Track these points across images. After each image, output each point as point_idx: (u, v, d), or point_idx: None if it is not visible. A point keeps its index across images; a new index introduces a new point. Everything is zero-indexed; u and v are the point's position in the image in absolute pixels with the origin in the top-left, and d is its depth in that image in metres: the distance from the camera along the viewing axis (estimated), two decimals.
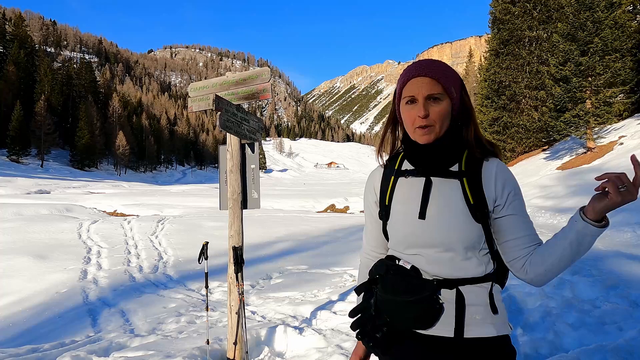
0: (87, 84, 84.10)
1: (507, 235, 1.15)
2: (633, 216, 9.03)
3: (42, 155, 65.66)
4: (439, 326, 1.12)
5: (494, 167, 1.17)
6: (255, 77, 3.35)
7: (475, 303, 1.13)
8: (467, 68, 58.23)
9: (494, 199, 1.14)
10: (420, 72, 1.15)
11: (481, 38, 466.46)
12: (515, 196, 1.16)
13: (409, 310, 1.11)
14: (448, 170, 1.18)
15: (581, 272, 5.36)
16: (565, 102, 19.64)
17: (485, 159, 1.18)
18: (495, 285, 1.17)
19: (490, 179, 1.15)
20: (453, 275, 1.14)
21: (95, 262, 7.38)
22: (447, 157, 1.18)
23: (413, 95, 1.15)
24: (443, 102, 1.14)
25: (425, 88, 1.13)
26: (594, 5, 18.38)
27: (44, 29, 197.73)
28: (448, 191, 1.16)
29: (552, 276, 1.11)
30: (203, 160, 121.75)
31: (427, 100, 1.13)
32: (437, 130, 1.14)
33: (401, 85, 1.19)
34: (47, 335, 4.35)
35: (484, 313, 1.13)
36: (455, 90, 1.16)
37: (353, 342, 3.47)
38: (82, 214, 16.38)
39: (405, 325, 1.15)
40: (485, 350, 1.11)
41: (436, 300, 1.11)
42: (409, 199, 1.19)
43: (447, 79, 1.15)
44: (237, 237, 3.30)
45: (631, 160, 0.96)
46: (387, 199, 1.25)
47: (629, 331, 3.20)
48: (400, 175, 1.24)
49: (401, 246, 1.21)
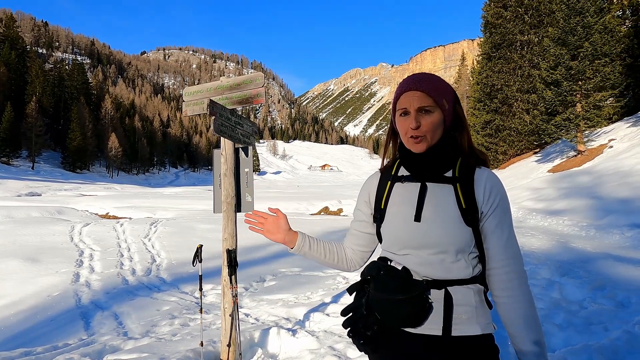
0: (79, 85, 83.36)
1: (487, 244, 1.23)
2: (621, 219, 9.17)
3: (33, 157, 64.97)
4: (427, 325, 1.18)
5: (485, 175, 1.24)
6: (249, 82, 3.39)
7: (463, 303, 1.18)
8: (459, 71, 58.60)
9: (481, 205, 1.21)
10: (411, 87, 1.23)
11: (474, 41, 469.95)
12: (498, 208, 1.22)
13: (399, 309, 1.16)
14: (442, 176, 1.24)
15: (569, 273, 5.45)
16: (556, 106, 19.90)
17: (478, 166, 1.26)
18: (481, 287, 1.23)
19: (480, 186, 1.22)
20: (442, 276, 1.19)
21: (88, 265, 7.35)
22: (441, 164, 1.24)
23: (406, 108, 1.23)
24: (434, 114, 1.21)
25: (416, 101, 1.21)
26: (584, 10, 18.66)
27: (36, 29, 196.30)
28: (442, 196, 1.22)
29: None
30: (196, 162, 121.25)
31: (419, 112, 1.21)
32: (429, 140, 1.22)
33: (395, 99, 1.27)
34: (40, 339, 4.33)
35: (471, 313, 1.18)
36: (447, 102, 1.23)
37: (346, 344, 3.51)
38: (73, 217, 16.25)
39: (395, 324, 1.20)
40: (470, 348, 1.17)
41: (426, 300, 1.17)
42: (405, 202, 1.26)
43: (438, 93, 1.22)
44: (231, 240, 3.33)
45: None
46: (382, 202, 1.31)
47: (614, 331, 3.28)
48: (397, 180, 1.31)
49: (395, 247, 1.26)
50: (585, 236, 8.94)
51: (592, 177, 13.88)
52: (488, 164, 1.30)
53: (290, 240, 1.44)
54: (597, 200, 11.21)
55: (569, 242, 8.17)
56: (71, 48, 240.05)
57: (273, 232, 1.45)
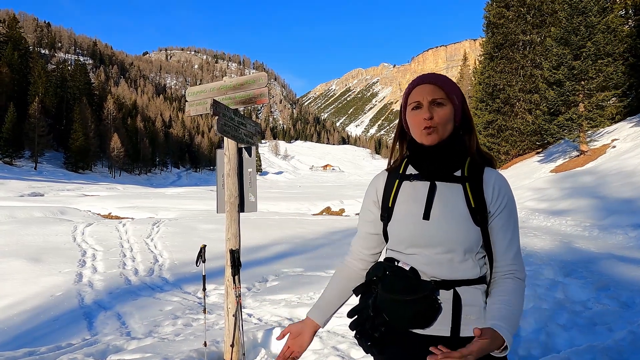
0: (81, 85, 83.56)
1: (493, 244, 1.22)
2: (624, 219, 9.14)
3: (36, 157, 65.17)
4: (435, 326, 1.17)
5: (494, 176, 1.24)
6: (252, 82, 3.39)
7: (471, 304, 1.18)
8: (461, 71, 58.52)
9: (489, 205, 1.21)
10: (423, 81, 1.25)
11: (476, 41, 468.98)
12: (506, 209, 1.22)
13: (407, 310, 1.15)
14: (452, 175, 1.24)
15: (573, 274, 5.43)
16: (559, 106, 19.85)
17: (486, 166, 1.26)
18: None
19: (489, 186, 1.22)
20: (450, 276, 1.18)
21: (91, 265, 7.36)
22: (450, 162, 1.25)
23: (418, 101, 1.23)
24: (446, 107, 1.22)
25: (429, 93, 1.22)
26: (586, 10, 18.61)
27: (38, 30, 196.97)
28: (451, 195, 1.22)
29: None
30: (198, 162, 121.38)
31: (431, 104, 1.22)
32: (441, 133, 1.22)
33: (406, 95, 1.28)
34: (43, 339, 4.34)
35: (479, 313, 1.18)
36: (457, 100, 1.25)
37: (349, 344, 3.50)
38: (76, 217, 16.29)
39: (403, 325, 1.20)
40: None
41: (435, 301, 1.16)
42: (414, 200, 1.25)
43: (449, 87, 1.24)
44: (234, 240, 3.33)
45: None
46: (390, 201, 1.30)
47: (619, 332, 3.27)
48: (405, 179, 1.30)
49: (402, 245, 1.25)
50: (589, 236, 8.91)
51: (595, 177, 13.83)
52: (495, 166, 1.30)
53: (315, 329, 1.40)
54: (600, 201, 11.17)
55: (572, 243, 8.15)
56: (74, 49, 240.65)
57: (303, 344, 1.41)
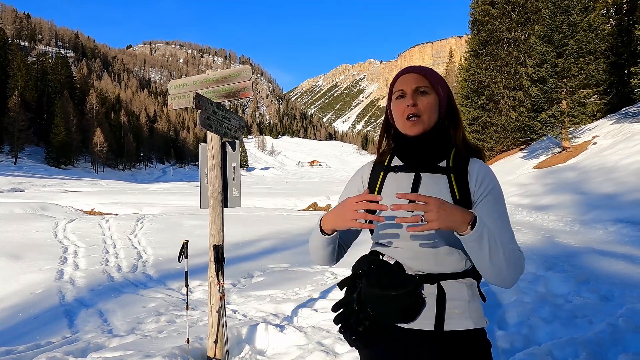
0: (63, 79, 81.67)
1: None
2: (605, 214, 9.33)
3: (16, 152, 63.57)
4: (420, 320, 1.16)
5: (478, 165, 1.23)
6: (236, 75, 3.34)
7: (455, 297, 1.17)
8: (447, 68, 58.98)
9: (473, 194, 1.19)
10: (408, 70, 1.26)
11: (462, 38, 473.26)
12: (489, 195, 1.19)
13: (392, 304, 1.15)
14: (436, 166, 1.23)
15: (555, 268, 5.52)
16: (542, 103, 20.14)
17: (472, 157, 1.25)
18: (474, 281, 1.22)
19: (472, 176, 1.21)
20: (435, 270, 1.18)
21: (72, 262, 7.21)
22: (435, 153, 1.24)
23: (402, 89, 1.23)
24: (430, 96, 1.22)
25: (413, 82, 1.22)
26: (569, 8, 18.87)
27: (17, 22, 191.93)
28: (436, 186, 1.21)
29: (494, 279, 1.12)
30: (184, 158, 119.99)
31: (415, 92, 1.22)
32: (426, 122, 1.21)
33: (392, 85, 1.28)
34: (22, 337, 4.24)
35: (463, 307, 1.17)
36: (442, 91, 1.24)
37: (334, 339, 3.50)
38: (58, 213, 15.96)
39: (388, 319, 1.19)
40: (462, 343, 1.16)
41: (419, 295, 1.15)
42: (399, 192, 1.23)
43: (433, 77, 1.24)
44: (217, 235, 3.29)
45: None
46: (375, 192, 1.28)
47: (598, 324, 3.33)
48: (390, 170, 1.29)
49: (387, 238, 1.24)
50: (570, 231, 9.08)
51: (577, 173, 14.10)
52: (483, 158, 1.29)
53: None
54: (582, 196, 11.39)
55: (554, 237, 8.29)
56: (54, 41, 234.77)
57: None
